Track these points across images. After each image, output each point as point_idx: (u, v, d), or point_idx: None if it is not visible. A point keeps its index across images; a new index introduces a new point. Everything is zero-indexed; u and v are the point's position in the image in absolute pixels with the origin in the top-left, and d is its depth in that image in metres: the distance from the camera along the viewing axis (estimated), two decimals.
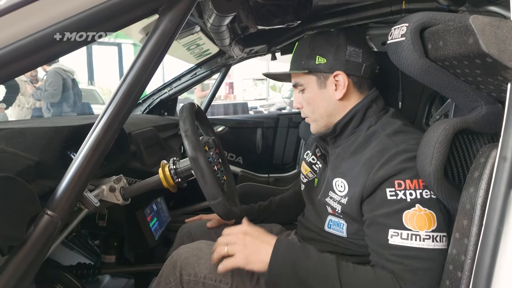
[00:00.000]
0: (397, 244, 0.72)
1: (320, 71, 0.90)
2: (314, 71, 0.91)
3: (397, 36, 0.70)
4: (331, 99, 0.91)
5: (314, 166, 1.05)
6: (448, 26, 0.60)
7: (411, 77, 0.73)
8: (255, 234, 0.79)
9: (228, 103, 6.03)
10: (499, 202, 0.54)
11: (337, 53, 0.89)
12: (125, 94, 0.64)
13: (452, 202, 0.68)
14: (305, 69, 0.92)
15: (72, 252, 1.51)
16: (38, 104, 4.69)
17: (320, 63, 0.90)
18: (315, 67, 0.91)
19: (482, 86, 0.66)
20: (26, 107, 4.66)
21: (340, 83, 0.89)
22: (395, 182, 0.74)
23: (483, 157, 0.60)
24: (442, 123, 0.65)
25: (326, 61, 0.89)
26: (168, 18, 0.65)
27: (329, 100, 0.91)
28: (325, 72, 0.90)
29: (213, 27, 1.09)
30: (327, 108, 0.92)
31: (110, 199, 0.96)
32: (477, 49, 0.53)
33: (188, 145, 0.81)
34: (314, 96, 0.93)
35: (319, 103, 0.93)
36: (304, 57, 0.92)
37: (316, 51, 0.90)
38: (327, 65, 0.89)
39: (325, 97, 0.92)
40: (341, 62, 0.88)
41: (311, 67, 0.91)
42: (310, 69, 0.91)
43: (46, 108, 4.38)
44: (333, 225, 0.90)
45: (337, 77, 0.89)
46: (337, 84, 0.89)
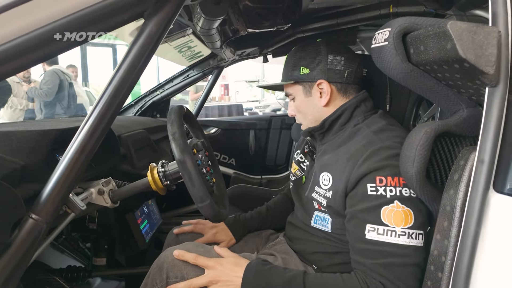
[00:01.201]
0: (373, 239, 0.74)
1: (304, 80, 0.95)
2: (299, 81, 0.96)
3: (380, 40, 0.71)
4: (317, 105, 0.95)
5: (302, 164, 1.06)
6: (428, 31, 0.61)
7: None
8: (225, 272, 0.82)
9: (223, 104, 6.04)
10: (477, 204, 0.55)
11: (319, 63, 0.93)
12: (110, 98, 0.65)
13: (434, 204, 0.69)
14: (291, 80, 0.97)
15: (63, 255, 1.50)
16: (31, 105, 4.65)
17: (304, 73, 0.94)
18: (300, 77, 0.95)
19: (462, 90, 0.67)
20: (19, 109, 4.61)
21: (324, 90, 0.93)
22: (376, 178, 0.76)
23: (463, 160, 0.61)
24: (424, 126, 0.66)
25: (309, 71, 0.94)
26: (153, 22, 0.65)
27: (315, 107, 0.96)
28: (309, 81, 0.95)
29: (203, 30, 1.10)
30: (314, 114, 0.97)
31: (98, 202, 0.96)
32: (455, 54, 0.54)
33: (175, 148, 0.81)
34: (302, 103, 0.98)
35: (307, 110, 0.98)
36: (290, 69, 0.98)
37: (300, 63, 0.95)
38: (310, 75, 0.94)
39: (312, 104, 0.96)
40: (323, 71, 0.93)
41: (296, 77, 0.96)
42: (295, 79, 0.96)
43: (39, 109, 4.35)
44: (319, 220, 0.91)
45: (320, 86, 0.93)
46: (321, 92, 0.94)
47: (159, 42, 0.68)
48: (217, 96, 7.46)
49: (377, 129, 0.86)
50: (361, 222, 0.77)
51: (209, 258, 0.83)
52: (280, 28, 1.34)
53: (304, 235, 0.96)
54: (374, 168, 0.77)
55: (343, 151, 0.87)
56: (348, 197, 0.81)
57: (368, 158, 0.79)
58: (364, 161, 0.79)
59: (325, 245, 0.90)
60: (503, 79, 0.56)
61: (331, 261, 0.89)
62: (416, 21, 0.68)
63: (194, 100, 5.91)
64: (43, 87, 4.08)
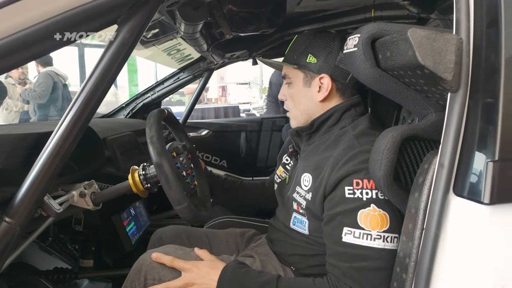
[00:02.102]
0: (349, 242, 0.75)
1: (308, 69, 0.92)
2: (303, 68, 0.93)
3: (351, 46, 0.73)
4: (313, 99, 0.93)
5: (287, 165, 1.07)
6: (393, 37, 0.63)
7: None
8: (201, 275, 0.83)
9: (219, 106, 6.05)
10: (437, 207, 0.57)
11: (328, 56, 0.90)
12: (84, 104, 0.66)
13: (403, 206, 0.70)
14: (294, 64, 0.93)
15: (51, 257, 1.51)
16: (26, 107, 4.66)
17: (310, 62, 0.91)
18: (305, 65, 0.92)
19: (430, 95, 0.68)
20: (14, 111, 4.62)
21: (324, 86, 0.91)
22: (353, 181, 0.77)
23: (427, 163, 0.62)
24: (391, 130, 0.67)
25: (316, 61, 0.91)
26: (126, 28, 0.67)
27: (310, 100, 0.94)
28: (312, 72, 0.92)
29: (186, 34, 1.11)
30: (307, 107, 0.95)
31: (80, 205, 0.97)
32: (415, 61, 0.56)
33: (152, 151, 0.82)
34: (298, 92, 0.95)
35: (301, 100, 0.95)
36: (297, 52, 0.94)
37: (310, 50, 0.92)
38: (316, 66, 0.91)
39: (307, 96, 0.94)
40: (330, 66, 0.90)
41: (301, 63, 0.92)
42: (299, 65, 0.93)
43: (32, 111, 4.35)
44: (297, 222, 0.92)
45: (322, 80, 0.91)
46: (321, 86, 0.92)
47: (133, 48, 0.69)
48: (214, 98, 7.43)
49: (359, 133, 0.86)
50: (338, 225, 0.78)
51: (186, 261, 0.84)
52: (265, 31, 1.35)
53: (283, 237, 0.98)
54: (352, 171, 0.78)
55: (327, 154, 0.87)
56: (327, 200, 0.82)
57: (347, 162, 0.79)
58: (343, 164, 0.80)
59: (302, 247, 0.91)
60: (463, 85, 0.57)
61: (308, 263, 0.90)
62: (385, 27, 0.69)
63: (189, 94, 6.01)
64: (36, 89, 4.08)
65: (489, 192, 0.51)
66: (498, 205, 0.51)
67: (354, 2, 1.42)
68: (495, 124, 0.53)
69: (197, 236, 1.12)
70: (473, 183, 0.54)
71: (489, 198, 0.51)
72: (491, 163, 0.52)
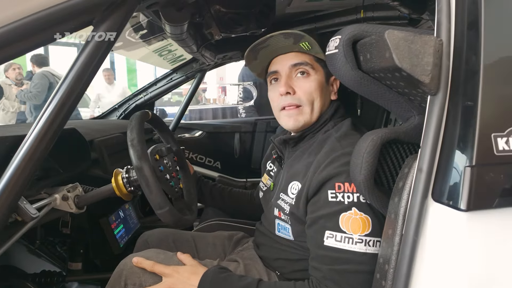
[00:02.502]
0: (331, 245, 0.74)
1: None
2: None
3: (332, 48, 0.71)
4: (327, 98, 0.92)
5: (271, 172, 1.06)
6: (372, 39, 0.61)
7: None
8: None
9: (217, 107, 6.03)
10: (415, 213, 0.55)
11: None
12: (59, 105, 0.64)
13: (385, 210, 0.69)
14: (322, 52, 0.84)
15: (40, 259, 1.49)
16: (23, 108, 4.65)
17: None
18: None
19: (411, 97, 0.67)
20: (11, 111, 4.62)
21: (334, 88, 0.92)
22: (335, 184, 0.76)
23: (407, 168, 0.61)
24: (372, 133, 0.66)
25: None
26: (102, 29, 0.65)
27: (327, 98, 0.92)
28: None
29: (173, 35, 1.10)
30: (324, 102, 0.90)
31: (63, 208, 0.96)
32: (392, 63, 0.54)
33: (133, 154, 0.81)
34: (320, 87, 0.88)
35: (320, 95, 0.88)
36: (316, 45, 0.85)
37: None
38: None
39: (326, 93, 0.91)
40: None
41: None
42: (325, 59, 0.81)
43: (29, 111, 4.35)
44: (282, 229, 0.91)
45: (334, 81, 0.92)
46: (333, 86, 0.92)
47: (109, 49, 0.68)
48: (212, 98, 7.35)
49: (341, 136, 0.85)
50: (320, 228, 0.77)
51: (167, 266, 0.83)
52: (254, 33, 1.34)
53: (268, 242, 0.96)
54: (334, 174, 0.77)
55: (311, 160, 0.86)
56: (310, 203, 0.81)
57: (328, 164, 0.79)
58: (325, 167, 0.79)
59: (287, 252, 0.90)
60: (443, 88, 0.56)
61: (293, 267, 0.89)
62: (366, 28, 0.68)
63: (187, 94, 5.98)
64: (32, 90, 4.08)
65: (466, 199, 0.50)
66: (475, 211, 0.50)
67: (345, 3, 1.41)
68: (474, 128, 0.52)
69: (184, 240, 1.11)
70: (451, 188, 0.52)
71: (466, 204, 0.50)
72: (468, 168, 0.50)
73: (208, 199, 1.25)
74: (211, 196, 1.24)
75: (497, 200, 0.50)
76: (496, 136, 0.51)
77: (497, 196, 0.50)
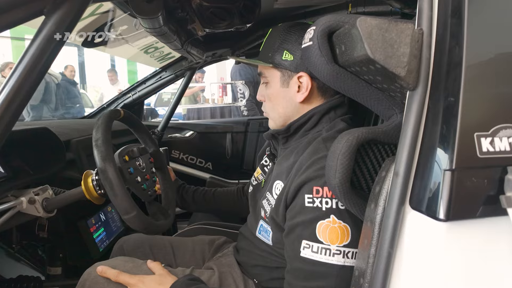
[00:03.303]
0: (307, 257, 0.68)
1: (284, 68, 0.82)
2: (278, 66, 0.83)
3: (306, 40, 0.66)
4: (292, 100, 0.84)
5: (266, 167, 1.00)
6: (345, 29, 0.56)
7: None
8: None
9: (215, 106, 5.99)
10: (391, 221, 0.49)
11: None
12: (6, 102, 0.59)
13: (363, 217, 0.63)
14: (269, 63, 0.84)
15: (19, 263, 1.44)
16: None
17: (286, 59, 0.81)
18: (281, 63, 0.82)
19: (392, 93, 0.61)
20: None
21: (303, 85, 0.81)
22: (313, 188, 0.70)
23: (384, 171, 0.55)
24: (347, 134, 0.60)
25: (293, 59, 0.80)
26: (53, 20, 0.60)
27: (290, 101, 0.85)
28: (289, 70, 0.82)
29: (149, 30, 1.05)
30: (286, 109, 0.86)
31: (30, 212, 0.91)
32: (365, 54, 0.49)
33: (96, 155, 0.76)
34: (276, 93, 0.86)
35: (279, 101, 0.86)
36: (272, 49, 0.84)
37: (285, 45, 0.82)
38: (293, 64, 0.81)
39: (286, 97, 0.85)
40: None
41: (277, 61, 0.83)
42: (274, 63, 0.83)
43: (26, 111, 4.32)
44: (262, 231, 0.86)
45: (301, 79, 0.81)
46: (300, 86, 0.82)
47: (62, 42, 0.63)
48: (211, 98, 7.27)
49: (329, 136, 0.78)
50: (297, 237, 0.71)
51: (132, 276, 0.77)
52: (239, 28, 1.29)
53: (249, 246, 0.91)
54: (313, 177, 0.71)
55: (296, 159, 0.80)
56: (289, 209, 0.75)
57: (309, 167, 0.72)
58: (305, 169, 0.73)
59: (266, 258, 0.84)
60: (422, 82, 0.50)
61: (271, 275, 0.83)
62: (342, 18, 0.62)
63: (186, 96, 6.06)
64: None
65: (445, 207, 0.44)
66: (455, 221, 0.44)
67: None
68: (455, 127, 0.46)
69: (161, 246, 1.06)
70: (429, 195, 0.46)
71: (445, 213, 0.44)
72: (448, 172, 0.44)
73: (191, 206, 1.20)
74: (194, 202, 1.19)
75: (480, 209, 0.44)
76: (480, 135, 0.45)
77: (480, 204, 0.44)
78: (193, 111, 5.81)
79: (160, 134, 2.02)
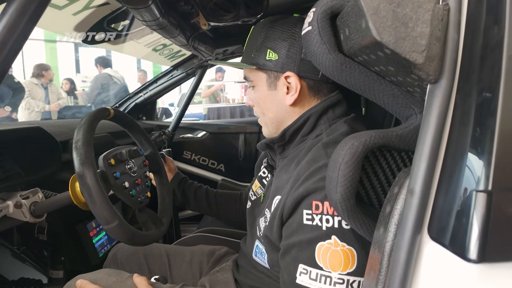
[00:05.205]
0: (304, 285, 0.58)
1: (269, 68, 0.74)
2: (263, 68, 0.75)
3: (305, 25, 0.55)
4: (281, 103, 0.75)
5: (264, 180, 0.90)
6: (348, 7, 0.45)
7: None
8: None
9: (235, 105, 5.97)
10: (402, 254, 0.38)
11: (291, 49, 0.71)
12: None
13: None
14: (252, 65, 0.75)
15: (24, 264, 1.43)
16: (48, 108, 4.81)
17: (270, 59, 0.73)
18: (264, 64, 0.74)
19: (410, 88, 0.49)
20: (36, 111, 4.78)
21: (292, 86, 0.72)
22: (312, 203, 0.59)
23: (397, 186, 0.43)
24: (351, 138, 0.49)
25: (277, 58, 0.72)
26: (15, 6, 0.53)
27: (279, 105, 0.76)
28: (275, 71, 0.74)
29: (144, 22, 0.98)
30: (276, 113, 0.77)
31: (17, 216, 0.86)
32: (370, 35, 0.38)
33: (75, 159, 0.69)
34: (263, 97, 0.77)
35: (268, 106, 0.78)
36: (254, 49, 0.76)
37: (268, 43, 0.73)
38: (278, 63, 0.72)
39: (275, 101, 0.76)
40: (294, 61, 0.71)
41: (260, 63, 0.74)
42: (258, 65, 0.75)
43: None
44: (258, 253, 0.76)
45: (288, 79, 0.73)
46: (288, 87, 0.73)
47: (27, 33, 0.56)
48: (237, 98, 7.20)
49: (330, 141, 0.67)
50: (294, 260, 0.61)
51: None
52: (246, 21, 1.19)
53: (247, 265, 0.81)
54: (312, 189, 0.60)
55: (296, 169, 0.69)
56: (285, 226, 0.65)
57: (307, 178, 0.62)
58: (304, 181, 0.62)
59: (264, 280, 0.75)
60: (447, 72, 0.38)
61: None
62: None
63: (205, 96, 6.24)
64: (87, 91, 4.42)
65: (477, 243, 0.32)
66: (491, 264, 0.32)
67: None
68: (492, 131, 0.34)
69: (157, 255, 0.98)
70: (455, 223, 0.35)
71: (478, 252, 0.32)
72: (482, 195, 0.32)
73: (192, 203, 1.10)
74: (195, 199, 1.10)
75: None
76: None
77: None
78: (213, 111, 5.81)
79: (171, 134, 1.96)
